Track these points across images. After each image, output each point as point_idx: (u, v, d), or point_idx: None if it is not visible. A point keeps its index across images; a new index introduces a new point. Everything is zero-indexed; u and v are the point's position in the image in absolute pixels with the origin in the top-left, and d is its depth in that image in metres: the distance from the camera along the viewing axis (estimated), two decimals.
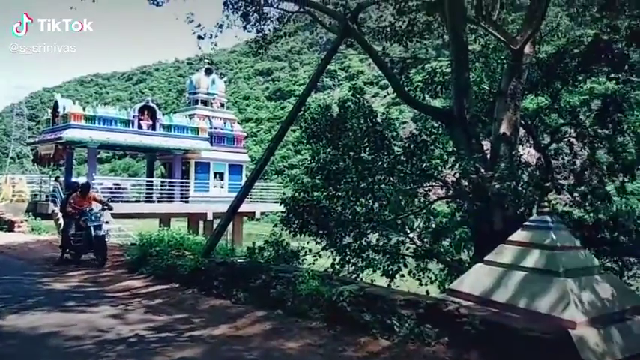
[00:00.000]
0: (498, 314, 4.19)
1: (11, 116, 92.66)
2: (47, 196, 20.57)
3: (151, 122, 22.35)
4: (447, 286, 5.73)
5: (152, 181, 24.17)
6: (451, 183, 7.43)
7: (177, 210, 22.80)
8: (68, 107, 20.63)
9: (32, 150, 28.93)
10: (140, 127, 21.88)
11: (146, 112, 22.36)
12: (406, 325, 4.49)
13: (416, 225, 8.53)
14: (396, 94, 8.73)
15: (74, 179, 18.83)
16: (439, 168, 7.55)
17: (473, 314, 4.16)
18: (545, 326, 3.82)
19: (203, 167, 24.40)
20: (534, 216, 4.84)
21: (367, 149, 8.13)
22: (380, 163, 7.96)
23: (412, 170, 7.69)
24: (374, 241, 8.09)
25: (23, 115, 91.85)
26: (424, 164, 7.68)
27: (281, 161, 63.72)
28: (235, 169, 25.61)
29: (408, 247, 8.34)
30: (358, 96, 8.68)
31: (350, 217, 7.98)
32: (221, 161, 24.93)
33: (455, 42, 7.31)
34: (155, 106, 23.28)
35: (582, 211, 8.33)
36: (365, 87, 54.76)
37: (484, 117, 8.55)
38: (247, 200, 17.46)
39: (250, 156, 30.46)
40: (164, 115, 23.89)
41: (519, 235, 4.70)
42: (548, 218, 4.60)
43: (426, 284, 7.82)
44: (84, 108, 21.02)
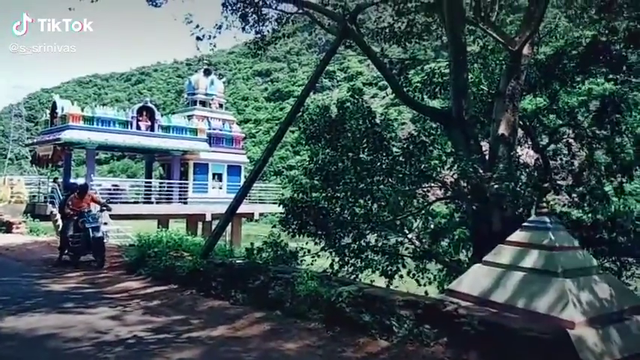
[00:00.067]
0: (497, 315, 4.19)
1: (9, 117, 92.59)
2: (45, 197, 20.57)
3: (150, 123, 22.34)
4: (446, 287, 5.73)
5: (151, 182, 24.17)
6: (450, 184, 7.44)
7: (175, 211, 22.79)
8: (66, 108, 20.61)
9: (30, 151, 28.89)
10: (139, 128, 21.87)
11: (145, 113, 22.36)
12: (405, 326, 4.49)
13: (415, 226, 8.54)
14: (395, 95, 8.74)
15: (73, 180, 18.78)
16: (438, 169, 7.55)
17: (472, 315, 4.16)
18: (543, 326, 3.82)
19: (202, 168, 24.40)
20: (533, 216, 4.84)
21: (366, 150, 8.14)
22: (379, 164, 7.97)
23: (411, 171, 7.69)
24: (373, 242, 8.09)
25: (21, 116, 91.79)
26: (423, 165, 7.68)
27: (280, 162, 63.74)
28: (234, 170, 25.61)
29: (407, 248, 8.35)
30: (357, 97, 8.69)
31: (349, 218, 7.98)
32: (220, 162, 24.93)
33: (453, 43, 7.32)
34: (154, 107, 23.29)
35: (581, 212, 8.36)
36: (364, 88, 54.92)
37: (483, 118, 8.58)
38: (246, 201, 17.45)
39: (249, 157, 30.49)
40: (163, 116, 23.88)
41: (518, 236, 4.71)
42: (546, 219, 4.61)
43: (425, 285, 7.83)
44: (82, 109, 21.00)
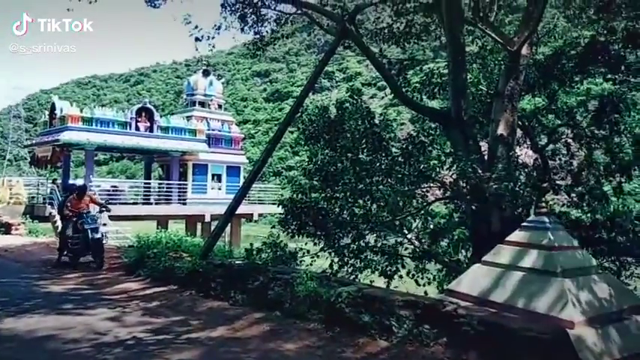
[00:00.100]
0: (496, 315, 4.20)
1: (8, 118, 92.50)
2: (44, 199, 20.54)
3: (149, 124, 22.32)
4: (445, 287, 5.73)
5: (150, 183, 24.16)
6: (449, 184, 7.44)
7: (174, 212, 22.76)
8: (65, 109, 20.58)
9: (29, 152, 28.80)
10: (138, 129, 21.85)
11: (144, 114, 22.34)
12: (404, 326, 4.49)
13: (414, 226, 8.54)
14: (394, 96, 8.74)
15: (71, 181, 18.75)
16: (437, 169, 7.55)
17: (471, 315, 4.16)
18: (543, 326, 3.82)
19: (201, 169, 24.38)
20: (532, 216, 4.84)
21: (365, 150, 8.14)
22: (378, 164, 7.97)
23: (410, 171, 7.69)
24: (372, 242, 8.09)
25: (20, 117, 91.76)
26: (422, 165, 7.68)
27: (279, 163, 63.72)
28: (233, 171, 25.59)
29: (406, 248, 8.35)
30: (356, 97, 8.70)
31: (348, 218, 7.98)
32: (219, 163, 24.91)
33: (452, 43, 7.33)
34: (153, 108, 23.28)
35: (580, 212, 8.37)
36: (362, 88, 54.79)
37: (481, 118, 8.58)
38: (245, 202, 17.43)
39: (248, 157, 30.46)
40: (162, 117, 23.86)
41: (517, 236, 4.71)
42: (545, 219, 4.61)
43: (424, 285, 7.83)
44: (81, 110, 20.97)
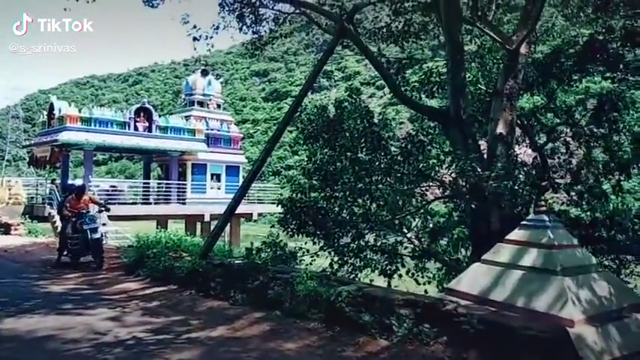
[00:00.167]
0: (496, 313, 4.20)
1: (7, 118, 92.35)
2: (43, 199, 20.53)
3: (148, 124, 22.30)
4: (445, 286, 5.73)
5: (149, 183, 24.15)
6: (448, 183, 7.45)
7: (174, 211, 22.75)
8: (64, 109, 20.56)
9: (28, 152, 28.75)
10: (136, 129, 21.83)
11: (142, 114, 22.31)
12: (405, 325, 4.49)
13: (413, 225, 8.54)
14: (393, 95, 8.74)
15: (70, 181, 18.74)
16: (436, 168, 7.54)
17: (471, 313, 4.16)
18: (543, 325, 3.82)
19: (200, 169, 24.37)
20: (531, 215, 4.84)
21: (364, 150, 8.13)
22: (377, 164, 7.96)
23: (409, 170, 7.69)
24: (372, 241, 8.09)
25: (19, 118, 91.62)
26: (421, 164, 7.68)
27: (278, 162, 63.71)
28: (232, 171, 25.59)
29: (406, 247, 8.34)
30: (355, 96, 8.69)
31: (347, 218, 7.98)
32: (218, 162, 24.90)
33: (451, 42, 7.32)
34: (151, 108, 23.25)
35: (579, 210, 8.39)
36: (361, 88, 54.94)
37: (480, 117, 8.59)
38: (244, 201, 17.40)
39: (247, 157, 30.46)
40: (160, 117, 23.83)
41: (517, 234, 4.71)
42: (545, 217, 4.61)
43: (424, 284, 7.83)
44: (80, 110, 20.94)
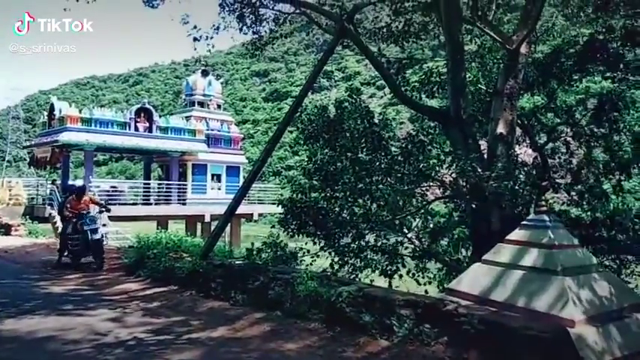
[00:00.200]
0: (497, 313, 4.19)
1: (7, 119, 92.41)
2: (44, 200, 20.53)
3: (148, 124, 22.31)
4: (446, 286, 5.73)
5: (149, 184, 24.15)
6: (448, 183, 7.44)
7: (174, 212, 22.76)
8: (64, 110, 20.58)
9: (28, 153, 28.75)
10: (137, 130, 21.84)
11: (143, 115, 22.33)
12: (405, 326, 4.49)
13: (414, 225, 8.53)
14: (393, 95, 8.74)
15: (71, 182, 18.75)
16: (436, 168, 7.54)
17: (472, 314, 4.16)
18: (543, 325, 3.82)
19: (200, 169, 24.38)
20: (532, 215, 4.83)
21: (364, 150, 8.13)
22: (377, 164, 7.96)
23: (409, 170, 7.69)
24: (372, 242, 8.08)
25: (19, 118, 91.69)
26: (421, 164, 7.68)
27: (278, 162, 63.71)
28: (233, 171, 25.60)
29: (407, 247, 8.34)
30: (355, 96, 8.68)
31: (348, 218, 7.98)
32: (218, 163, 24.91)
33: (451, 42, 7.32)
34: (152, 108, 23.27)
35: (580, 210, 8.38)
36: (362, 88, 54.95)
37: (481, 117, 8.59)
38: (245, 202, 17.40)
39: (247, 157, 30.46)
40: (161, 117, 23.85)
41: (517, 234, 4.70)
42: (545, 217, 4.60)
43: (425, 284, 7.82)
44: (80, 110, 20.96)
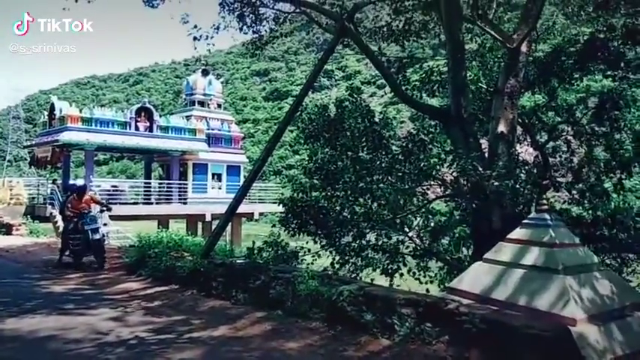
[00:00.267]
0: (498, 312, 4.19)
1: (7, 119, 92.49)
2: (45, 199, 20.54)
3: (148, 124, 22.31)
4: (447, 285, 5.73)
5: (150, 183, 24.16)
6: (449, 182, 7.44)
7: (175, 211, 22.77)
8: (65, 109, 20.57)
9: (29, 153, 28.80)
10: (137, 129, 21.83)
11: (143, 114, 22.32)
12: (406, 325, 4.48)
13: (415, 224, 8.54)
14: (394, 94, 8.74)
15: (72, 181, 18.72)
16: (437, 167, 7.55)
17: (473, 312, 4.15)
18: (545, 324, 3.82)
19: (201, 168, 24.38)
20: (533, 214, 4.83)
21: (365, 149, 8.14)
22: (378, 163, 7.97)
23: (410, 169, 7.69)
24: (373, 241, 8.09)
25: (20, 118, 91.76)
26: (422, 163, 7.68)
27: (279, 161, 63.72)
28: (233, 170, 25.59)
29: (408, 246, 8.35)
30: (355, 96, 8.69)
31: (349, 217, 7.98)
32: (219, 162, 24.91)
33: (451, 41, 7.32)
34: (152, 108, 23.26)
35: (581, 209, 8.38)
36: (362, 87, 55.00)
37: (481, 115, 8.59)
38: (246, 201, 17.44)
39: (248, 157, 30.47)
40: (161, 117, 23.84)
41: (518, 233, 4.70)
42: (546, 216, 4.60)
43: (426, 283, 7.83)
44: (80, 110, 20.95)
